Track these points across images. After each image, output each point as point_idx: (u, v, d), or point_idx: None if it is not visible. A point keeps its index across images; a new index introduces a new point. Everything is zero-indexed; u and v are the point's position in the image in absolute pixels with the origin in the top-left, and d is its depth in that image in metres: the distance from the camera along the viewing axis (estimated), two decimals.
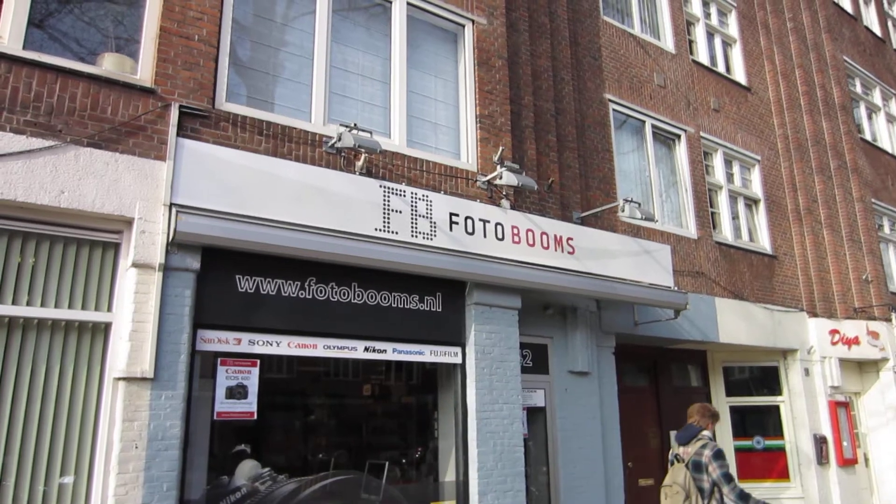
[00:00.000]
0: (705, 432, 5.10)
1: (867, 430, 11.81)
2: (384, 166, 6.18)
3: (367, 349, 5.58)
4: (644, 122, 9.77)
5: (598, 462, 7.40)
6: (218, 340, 4.77)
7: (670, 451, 5.32)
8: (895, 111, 15.31)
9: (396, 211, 5.78)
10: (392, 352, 5.76)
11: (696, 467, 4.92)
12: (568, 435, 7.22)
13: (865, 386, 12.02)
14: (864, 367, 11.98)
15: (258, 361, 4.94)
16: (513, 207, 6.92)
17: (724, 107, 11.17)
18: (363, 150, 5.68)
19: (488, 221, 6.43)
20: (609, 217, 8.49)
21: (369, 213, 5.62)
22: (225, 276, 4.93)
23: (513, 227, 6.63)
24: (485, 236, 6.35)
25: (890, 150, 14.61)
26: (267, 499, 5.00)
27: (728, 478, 4.79)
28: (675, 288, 8.21)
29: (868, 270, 12.19)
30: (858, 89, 14.41)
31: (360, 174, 5.86)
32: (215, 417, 4.68)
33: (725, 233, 10.51)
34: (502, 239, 6.49)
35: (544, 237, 6.84)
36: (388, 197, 5.77)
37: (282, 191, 5.19)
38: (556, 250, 6.91)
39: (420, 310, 5.96)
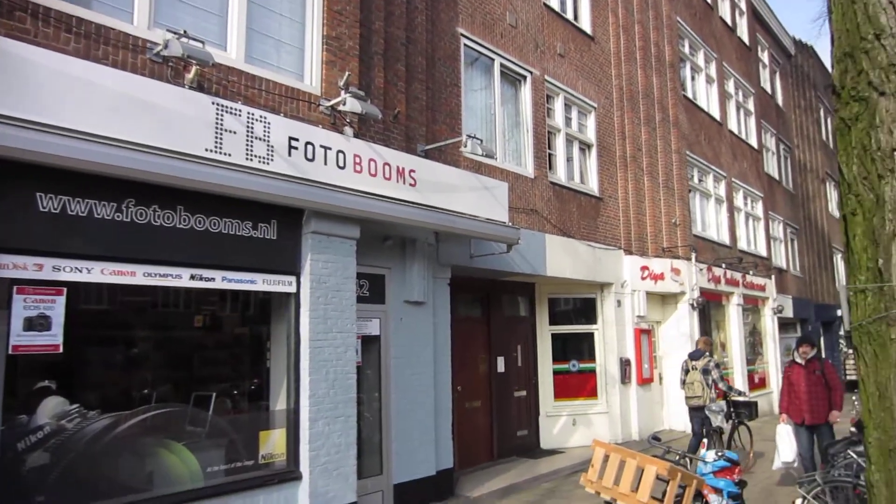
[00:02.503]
0: (707, 354, 9.51)
1: (663, 353, 13.50)
2: (218, 82, 5.74)
3: (193, 277, 5.28)
4: (494, 60, 9.90)
5: (429, 387, 7.77)
6: (14, 266, 4.25)
7: (683, 363, 9.72)
8: (714, 73, 16.86)
9: (230, 131, 5.42)
10: (221, 280, 5.51)
11: (705, 372, 9.18)
12: (401, 362, 7.47)
13: (665, 315, 13.65)
14: (666, 300, 13.57)
15: (64, 290, 4.48)
16: (356, 136, 6.78)
17: (568, 53, 11.61)
18: (193, 62, 5.21)
19: (330, 149, 6.25)
20: (452, 152, 8.63)
21: (200, 131, 5.21)
22: (23, 195, 4.36)
23: (355, 155, 6.51)
24: (325, 164, 6.18)
25: (706, 109, 16.15)
26: (76, 436, 4.67)
27: (721, 377, 9.24)
28: (510, 224, 8.62)
29: (678, 215, 13.61)
30: (686, 50, 15.63)
31: (190, 88, 5.40)
32: (10, 351, 4.21)
33: (560, 174, 11.15)
34: (343, 167, 6.36)
35: (387, 168, 6.81)
36: (222, 116, 5.38)
37: (97, 100, 4.62)
38: (398, 182, 6.91)
39: (253, 237, 5.73)
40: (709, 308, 15.01)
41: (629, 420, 11.74)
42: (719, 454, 4.38)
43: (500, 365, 10.40)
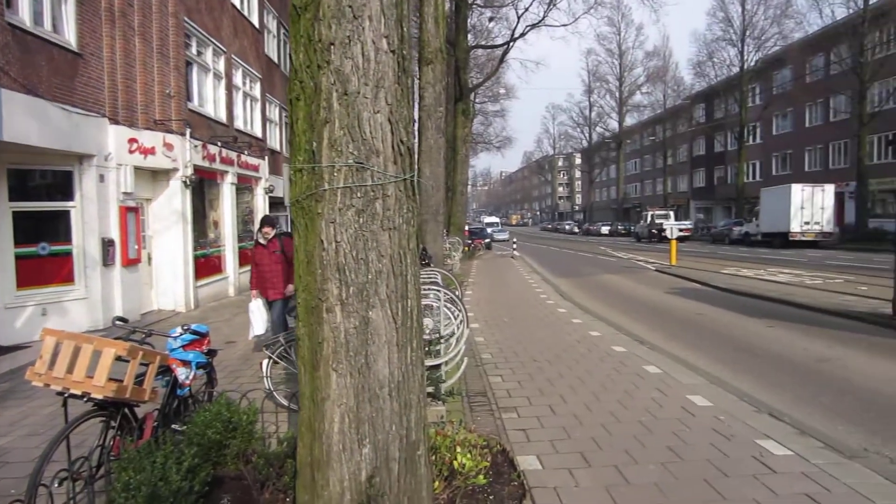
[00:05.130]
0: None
1: (153, 232, 13.01)
2: None
3: None
4: None
5: None
6: None
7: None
8: None
9: None
10: None
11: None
12: None
13: (157, 193, 13.07)
14: (157, 176, 12.95)
15: None
16: None
17: None
18: None
19: None
20: None
21: None
22: None
23: None
24: None
25: None
26: None
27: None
28: None
29: (172, 86, 12.86)
30: None
31: None
32: None
33: (23, 15, 9.10)
34: None
35: None
36: None
37: None
38: None
39: None
40: (204, 186, 15.01)
41: (112, 304, 11.01)
42: (185, 328, 4.47)
43: None
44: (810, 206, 33.10)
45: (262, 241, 8.17)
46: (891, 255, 10.29)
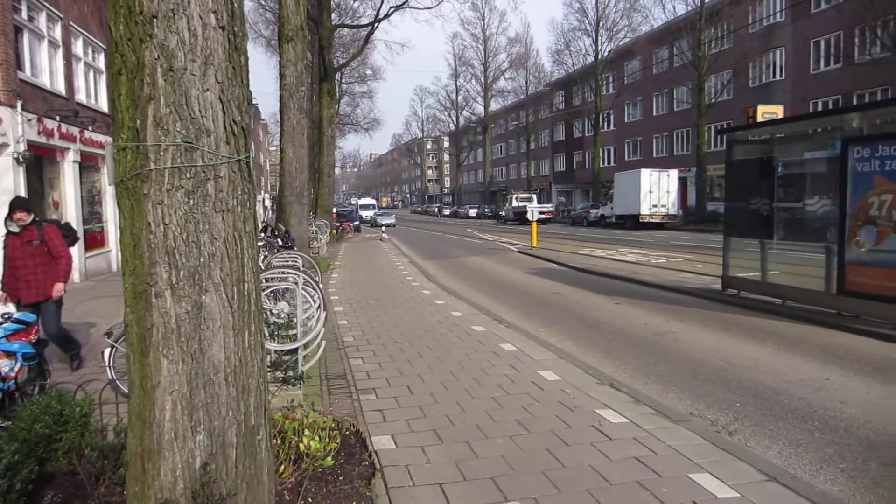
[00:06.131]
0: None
1: None
2: None
3: None
4: None
5: None
6: None
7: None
8: None
9: None
10: None
11: None
12: None
13: None
14: None
15: None
16: None
17: None
18: None
19: None
20: None
21: None
22: None
23: None
24: None
25: None
26: None
27: None
28: None
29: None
30: None
31: None
32: None
33: None
34: None
35: None
36: None
37: None
38: None
39: None
40: (42, 164, 13.67)
41: None
42: (7, 316, 4.10)
43: None
44: (657, 190, 35.95)
45: (13, 229, 6.51)
46: None
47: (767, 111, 14.87)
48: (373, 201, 73.13)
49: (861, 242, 8.35)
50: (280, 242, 11.40)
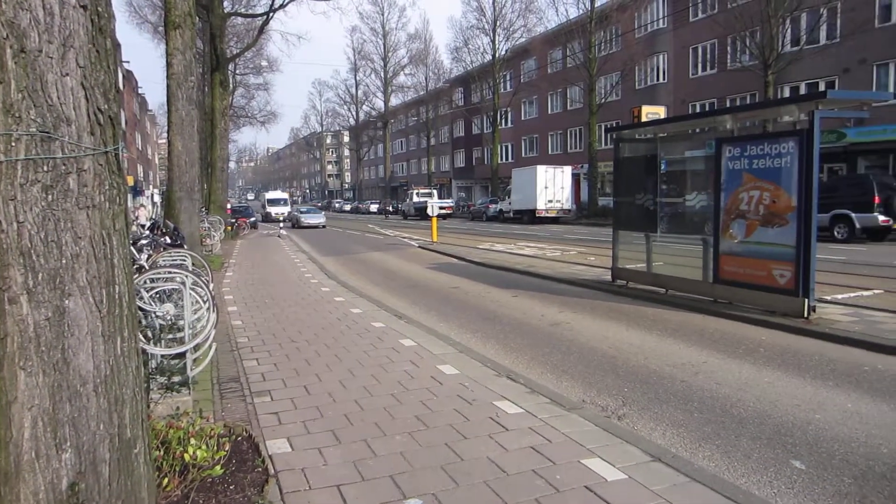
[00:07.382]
0: None
1: None
2: None
3: None
4: None
5: None
6: None
7: None
8: None
9: None
10: None
11: None
12: None
13: None
14: None
15: None
16: None
17: None
18: None
19: None
20: None
21: None
22: None
23: None
24: None
25: None
26: None
27: None
28: None
29: None
30: None
31: None
32: None
33: None
34: None
35: None
36: None
37: None
38: None
39: None
40: None
41: None
42: None
43: None
44: (553, 186, 37.23)
45: None
46: None
47: (651, 111, 15.73)
48: (284, 195, 58.85)
49: (733, 235, 9.00)
50: (168, 240, 10.78)
